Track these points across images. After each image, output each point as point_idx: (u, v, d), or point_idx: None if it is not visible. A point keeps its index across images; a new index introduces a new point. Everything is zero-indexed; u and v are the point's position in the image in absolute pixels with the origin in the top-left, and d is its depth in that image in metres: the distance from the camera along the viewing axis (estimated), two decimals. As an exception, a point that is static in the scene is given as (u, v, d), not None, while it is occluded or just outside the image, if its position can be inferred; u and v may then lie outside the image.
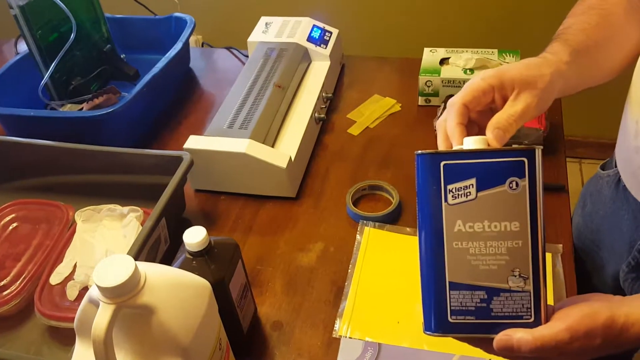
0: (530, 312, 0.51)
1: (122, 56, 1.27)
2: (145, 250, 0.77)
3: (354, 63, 1.30)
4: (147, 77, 1.05)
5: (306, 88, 1.12)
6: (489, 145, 0.53)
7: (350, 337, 0.76)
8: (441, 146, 0.57)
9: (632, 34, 0.70)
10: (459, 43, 1.23)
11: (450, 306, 0.51)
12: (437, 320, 0.52)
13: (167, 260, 0.86)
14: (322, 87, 1.12)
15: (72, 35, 1.09)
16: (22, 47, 1.16)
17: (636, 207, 0.78)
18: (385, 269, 0.85)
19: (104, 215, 0.89)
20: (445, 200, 0.51)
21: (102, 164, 0.94)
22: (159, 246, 0.83)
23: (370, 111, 1.15)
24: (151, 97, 1.09)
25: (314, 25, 1.22)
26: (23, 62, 1.14)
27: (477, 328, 0.52)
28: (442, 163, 0.51)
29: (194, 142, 0.94)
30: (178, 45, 1.15)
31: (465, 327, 0.52)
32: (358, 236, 0.90)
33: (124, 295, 0.52)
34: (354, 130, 1.11)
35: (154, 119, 1.16)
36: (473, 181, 0.50)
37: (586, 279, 0.93)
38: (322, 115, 1.09)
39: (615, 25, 0.69)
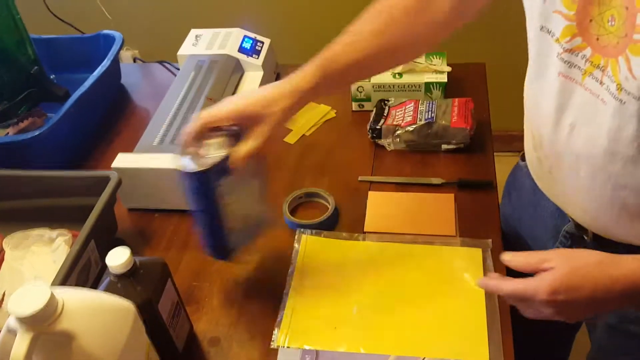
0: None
1: (51, 77, 1.24)
2: (74, 275, 0.76)
3: (289, 72, 1.29)
4: (73, 98, 1.03)
5: (239, 99, 1.12)
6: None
7: (288, 347, 0.76)
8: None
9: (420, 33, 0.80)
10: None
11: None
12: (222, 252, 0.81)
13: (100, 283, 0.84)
14: (255, 97, 1.12)
15: (-6, 59, 1.06)
16: (-55, 72, 1.13)
17: None
18: (322, 275, 0.85)
19: (32, 242, 0.87)
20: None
21: (29, 189, 0.92)
22: (89, 269, 0.81)
23: (306, 119, 1.15)
24: (80, 116, 1.07)
25: (245, 36, 1.22)
26: (-54, 88, 1.11)
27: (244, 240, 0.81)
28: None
29: (122, 160, 0.92)
30: (106, 63, 1.14)
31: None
32: (296, 245, 0.90)
33: (41, 323, 0.52)
34: (290, 139, 1.11)
35: (86, 139, 1.14)
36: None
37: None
38: (257, 126, 1.09)
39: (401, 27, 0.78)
